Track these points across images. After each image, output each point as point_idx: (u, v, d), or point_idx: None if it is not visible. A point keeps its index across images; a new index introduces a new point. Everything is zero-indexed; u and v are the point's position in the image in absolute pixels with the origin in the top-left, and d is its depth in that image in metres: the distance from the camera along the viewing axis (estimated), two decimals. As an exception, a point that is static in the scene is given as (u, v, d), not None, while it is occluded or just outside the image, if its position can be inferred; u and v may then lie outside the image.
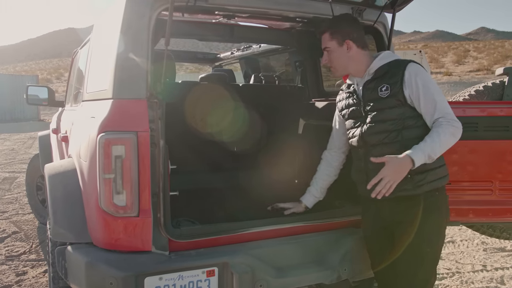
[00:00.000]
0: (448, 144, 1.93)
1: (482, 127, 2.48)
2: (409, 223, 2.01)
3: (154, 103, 1.92)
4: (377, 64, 2.09)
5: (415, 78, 1.97)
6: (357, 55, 2.12)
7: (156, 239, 1.94)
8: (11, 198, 6.30)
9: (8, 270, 3.73)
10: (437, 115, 1.95)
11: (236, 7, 2.16)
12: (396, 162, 1.88)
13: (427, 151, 1.88)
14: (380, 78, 2.05)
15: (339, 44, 2.11)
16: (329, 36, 2.11)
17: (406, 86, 1.98)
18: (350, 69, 2.16)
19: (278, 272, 2.09)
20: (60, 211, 2.10)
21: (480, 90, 3.04)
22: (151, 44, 1.96)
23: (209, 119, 2.83)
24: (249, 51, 4.09)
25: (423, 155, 1.88)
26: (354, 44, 2.11)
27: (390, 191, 1.89)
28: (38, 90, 4.35)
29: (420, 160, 1.88)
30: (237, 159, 3.23)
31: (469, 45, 48.20)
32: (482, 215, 2.54)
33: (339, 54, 2.12)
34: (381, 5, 2.38)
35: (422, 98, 1.97)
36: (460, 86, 24.28)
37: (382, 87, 2.02)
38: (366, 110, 2.08)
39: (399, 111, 1.99)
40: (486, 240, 4.47)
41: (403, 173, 1.88)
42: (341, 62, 2.13)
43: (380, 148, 2.02)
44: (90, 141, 1.97)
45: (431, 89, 1.98)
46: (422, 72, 2.01)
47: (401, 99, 1.99)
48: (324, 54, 2.17)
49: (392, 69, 2.03)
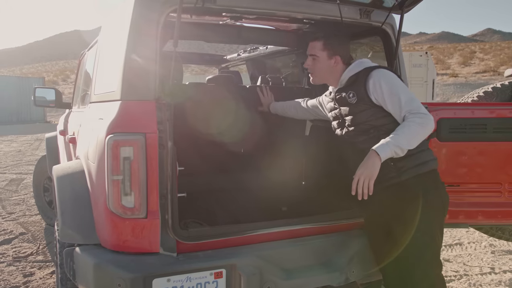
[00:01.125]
0: (417, 134, 1.99)
1: (491, 128, 2.47)
2: (399, 212, 2.07)
3: (162, 104, 1.93)
4: (347, 75, 2.23)
5: (379, 83, 2.10)
6: (339, 69, 2.27)
7: (164, 241, 1.94)
8: (18, 200, 6.33)
9: (16, 271, 3.75)
10: (404, 112, 2.05)
11: (244, 8, 2.16)
12: (364, 160, 1.99)
13: (393, 143, 1.96)
14: (348, 86, 2.20)
15: (328, 57, 2.25)
16: (322, 46, 2.24)
17: (371, 92, 2.11)
18: (328, 80, 2.32)
19: (286, 274, 2.09)
20: (68, 212, 2.11)
21: (489, 91, 3.02)
22: (159, 45, 1.96)
23: (216, 120, 2.83)
24: (255, 53, 4.09)
25: (389, 148, 1.95)
26: (341, 60, 2.25)
27: (371, 189, 1.96)
28: (45, 92, 4.37)
29: (385, 153, 1.95)
30: (244, 161, 3.22)
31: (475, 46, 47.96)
32: (491, 217, 2.53)
33: (324, 65, 2.26)
34: (389, 6, 2.37)
35: (387, 100, 2.09)
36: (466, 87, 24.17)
37: (349, 94, 2.18)
38: (343, 114, 2.25)
39: (369, 113, 2.12)
40: (494, 242, 4.43)
41: (375, 167, 1.96)
42: (323, 73, 2.29)
43: (364, 144, 2.11)
44: (99, 142, 1.97)
45: (395, 90, 2.08)
46: (385, 76, 2.12)
47: (368, 102, 2.12)
48: (309, 59, 2.29)
49: (359, 78, 2.17)
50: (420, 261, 2.05)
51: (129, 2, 2.02)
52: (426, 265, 2.07)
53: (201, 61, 4.97)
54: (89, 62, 3.17)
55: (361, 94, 2.13)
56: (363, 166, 1.97)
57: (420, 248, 2.04)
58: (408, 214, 2.05)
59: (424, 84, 14.62)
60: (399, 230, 2.07)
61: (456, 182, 2.50)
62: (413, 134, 1.98)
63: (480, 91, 3.06)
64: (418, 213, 2.03)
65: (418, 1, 2.31)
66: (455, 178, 2.49)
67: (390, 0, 2.33)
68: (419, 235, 2.04)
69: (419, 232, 2.04)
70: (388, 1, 2.34)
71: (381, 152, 1.95)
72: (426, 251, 2.06)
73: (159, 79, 1.95)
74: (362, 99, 2.13)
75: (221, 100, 2.86)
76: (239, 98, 2.94)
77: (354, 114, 2.17)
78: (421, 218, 2.04)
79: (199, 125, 2.81)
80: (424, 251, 2.05)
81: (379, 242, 2.22)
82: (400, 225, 2.06)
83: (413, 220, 2.03)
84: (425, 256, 2.06)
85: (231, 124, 2.86)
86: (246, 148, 3.17)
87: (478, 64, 34.78)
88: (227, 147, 3.06)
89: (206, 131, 2.84)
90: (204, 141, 2.91)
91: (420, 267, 2.05)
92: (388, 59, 2.56)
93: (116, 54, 2.09)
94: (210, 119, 2.83)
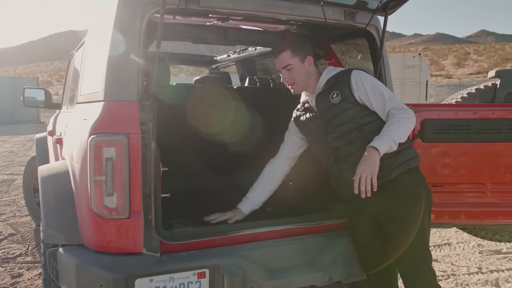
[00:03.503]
0: (406, 128, 2.06)
1: (474, 129, 2.50)
2: (390, 210, 2.11)
3: (146, 105, 1.93)
4: (324, 78, 2.25)
5: (361, 81, 2.15)
6: (313, 71, 2.29)
7: (147, 241, 1.94)
8: (9, 200, 6.31)
9: (4, 272, 3.74)
10: (388, 108, 2.11)
11: (228, 9, 2.17)
12: (365, 156, 2.00)
13: (389, 138, 2.00)
14: (330, 88, 2.20)
15: (301, 61, 2.25)
16: (291, 54, 2.23)
17: (355, 90, 2.15)
18: (308, 85, 2.29)
19: (269, 274, 2.09)
20: (52, 213, 2.11)
21: (473, 92, 3.05)
22: (142, 46, 1.97)
23: (203, 121, 2.83)
24: (245, 54, 4.10)
25: (385, 143, 1.99)
26: (312, 60, 2.26)
27: (375, 185, 1.98)
28: (35, 92, 4.35)
29: (383, 147, 1.99)
30: (231, 161, 3.23)
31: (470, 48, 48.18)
32: (474, 217, 2.56)
33: (301, 71, 2.25)
34: (373, 8, 2.39)
35: (371, 97, 2.13)
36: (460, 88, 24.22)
37: (333, 94, 2.18)
38: (324, 119, 2.22)
39: (353, 111, 2.14)
40: (482, 242, 4.46)
41: (375, 163, 1.98)
42: (303, 78, 2.27)
43: (346, 147, 2.15)
44: (82, 143, 1.97)
45: (378, 88, 2.16)
46: (365, 75, 2.19)
47: (352, 101, 2.14)
48: (284, 72, 2.27)
49: (339, 78, 2.20)
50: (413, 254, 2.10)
51: (113, 3, 2.02)
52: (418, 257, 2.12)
53: (191, 62, 4.97)
54: (77, 63, 3.17)
55: (346, 93, 2.15)
56: (364, 163, 1.98)
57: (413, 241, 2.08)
58: (404, 209, 2.09)
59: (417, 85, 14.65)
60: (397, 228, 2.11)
61: (440, 182, 2.52)
62: (403, 128, 2.04)
63: (464, 93, 3.09)
64: (413, 207, 2.09)
65: (402, 3, 2.33)
66: (438, 179, 2.52)
67: (374, 2, 2.35)
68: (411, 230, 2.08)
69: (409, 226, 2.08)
70: (372, 3, 2.36)
71: (379, 147, 1.98)
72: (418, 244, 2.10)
73: (142, 80, 1.95)
74: (346, 98, 2.14)
75: (207, 101, 2.87)
76: (226, 98, 2.95)
77: (338, 114, 2.16)
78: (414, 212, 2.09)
79: (185, 126, 2.81)
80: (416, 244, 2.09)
81: (367, 244, 2.23)
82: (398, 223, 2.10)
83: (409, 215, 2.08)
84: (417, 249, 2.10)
85: (217, 125, 2.87)
86: (233, 148, 3.18)
87: (472, 66, 34.96)
88: (213, 148, 3.07)
89: (192, 131, 2.84)
90: (189, 141, 2.91)
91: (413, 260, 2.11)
92: (373, 60, 2.58)
93: (100, 55, 2.10)
94: (196, 119, 2.83)
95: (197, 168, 3.12)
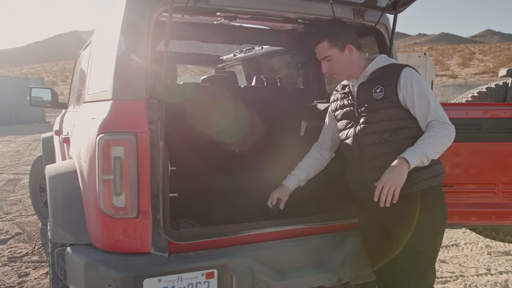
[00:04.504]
0: (442, 146, 1.95)
1: (485, 129, 2.47)
2: (405, 222, 2.02)
3: (154, 104, 1.92)
4: (372, 67, 2.11)
5: (410, 81, 2.00)
6: (357, 58, 2.15)
7: (156, 241, 1.93)
8: (15, 200, 6.32)
9: (11, 271, 3.74)
10: (431, 118, 1.98)
11: (236, 8, 2.16)
12: (393, 166, 1.90)
13: (422, 152, 1.90)
14: (375, 80, 2.07)
15: (340, 50, 2.12)
16: (328, 45, 2.11)
17: (401, 89, 2.00)
18: (351, 73, 2.16)
19: (278, 275, 2.08)
20: (60, 212, 2.10)
21: (483, 92, 3.02)
22: (151, 45, 1.96)
23: (209, 120, 2.82)
24: (251, 53, 4.08)
25: (418, 157, 1.89)
26: (354, 48, 2.13)
27: (396, 197, 1.89)
28: (41, 92, 4.36)
29: (415, 161, 1.89)
30: (239, 161, 3.21)
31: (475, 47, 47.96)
32: (485, 218, 2.53)
33: (341, 60, 2.13)
34: (382, 6, 2.37)
35: (416, 101, 1.99)
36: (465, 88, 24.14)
37: (377, 88, 2.04)
38: (360, 111, 2.10)
39: (392, 112, 2.02)
40: (491, 243, 4.42)
41: (402, 175, 1.89)
42: (344, 67, 2.14)
43: (374, 148, 2.05)
44: (90, 142, 1.96)
45: (425, 93, 2.00)
46: (417, 76, 2.03)
47: (395, 101, 2.01)
48: (324, 63, 2.16)
49: (387, 72, 2.06)
50: (418, 269, 2.04)
51: (121, 2, 2.01)
52: (422, 274, 2.05)
53: (198, 62, 4.96)
54: (83, 62, 3.17)
55: (390, 91, 2.00)
56: (390, 173, 1.89)
57: (420, 257, 2.03)
58: (415, 223, 2.00)
59: (423, 85, 14.59)
60: (401, 238, 2.03)
61: (450, 182, 2.49)
62: (439, 145, 1.93)
63: (475, 92, 3.06)
64: (424, 224, 2.01)
65: (412, 1, 2.30)
66: (449, 179, 2.48)
67: (384, 0, 2.32)
68: (422, 248, 2.02)
69: (419, 242, 2.01)
70: (382, 1, 2.33)
71: (410, 160, 1.87)
72: (424, 260, 2.05)
73: (150, 78, 1.94)
74: (389, 96, 2.00)
75: (214, 100, 2.85)
76: (233, 98, 2.93)
77: (376, 110, 2.03)
78: (426, 229, 2.01)
79: (193, 125, 2.80)
80: (423, 260, 2.04)
81: (373, 245, 2.21)
82: (404, 233, 2.02)
83: (418, 230, 2.00)
84: (421, 266, 2.04)
85: (225, 124, 2.85)
86: (240, 148, 3.17)
87: (477, 65, 34.78)
88: (221, 147, 3.05)
89: (199, 131, 2.83)
90: (197, 141, 2.90)
91: (416, 274, 2.04)
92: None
93: (108, 53, 2.09)
94: (203, 118, 2.82)
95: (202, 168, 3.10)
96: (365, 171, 2.07)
